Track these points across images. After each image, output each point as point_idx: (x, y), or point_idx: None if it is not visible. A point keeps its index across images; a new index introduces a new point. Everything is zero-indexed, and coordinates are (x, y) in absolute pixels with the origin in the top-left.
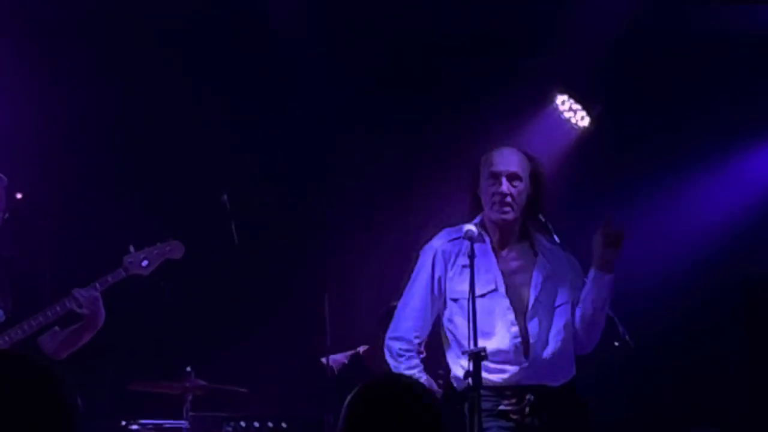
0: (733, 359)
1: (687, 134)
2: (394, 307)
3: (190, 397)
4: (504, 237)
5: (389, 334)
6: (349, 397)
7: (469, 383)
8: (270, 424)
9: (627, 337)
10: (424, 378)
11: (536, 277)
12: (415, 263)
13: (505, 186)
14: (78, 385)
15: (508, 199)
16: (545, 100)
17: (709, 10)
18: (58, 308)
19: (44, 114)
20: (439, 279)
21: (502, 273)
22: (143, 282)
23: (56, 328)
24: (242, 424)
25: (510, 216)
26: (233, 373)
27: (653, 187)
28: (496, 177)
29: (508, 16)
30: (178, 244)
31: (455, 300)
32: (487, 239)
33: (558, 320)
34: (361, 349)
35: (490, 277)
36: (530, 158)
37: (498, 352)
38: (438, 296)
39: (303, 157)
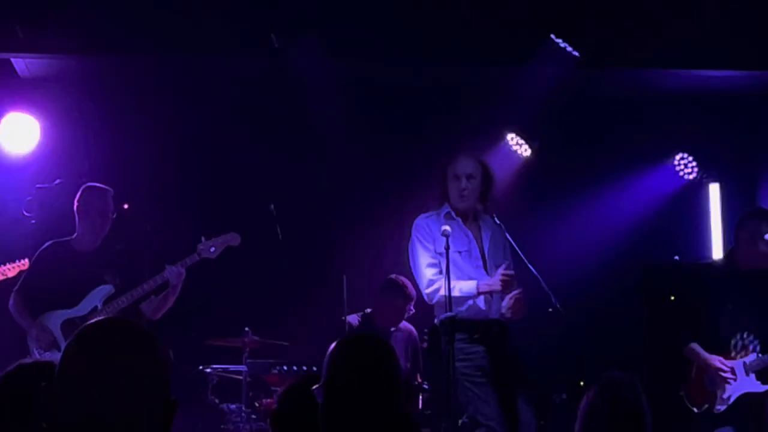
0: (635, 323)
1: (600, 162)
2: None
3: (247, 349)
4: (464, 218)
5: (422, 289)
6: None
7: (444, 318)
8: (304, 368)
9: (558, 306)
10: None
11: (486, 244)
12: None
13: (464, 183)
14: (168, 341)
15: (466, 192)
16: (499, 137)
17: (615, 75)
18: (158, 279)
19: (144, 149)
20: (431, 239)
21: (472, 237)
22: (213, 264)
23: (153, 296)
24: (284, 368)
25: (467, 204)
26: (279, 331)
27: (576, 199)
28: (457, 177)
29: (474, 78)
30: (236, 236)
31: (440, 253)
32: (457, 218)
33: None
34: (368, 310)
35: (465, 239)
36: (482, 163)
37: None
38: (433, 248)
39: (328, 176)
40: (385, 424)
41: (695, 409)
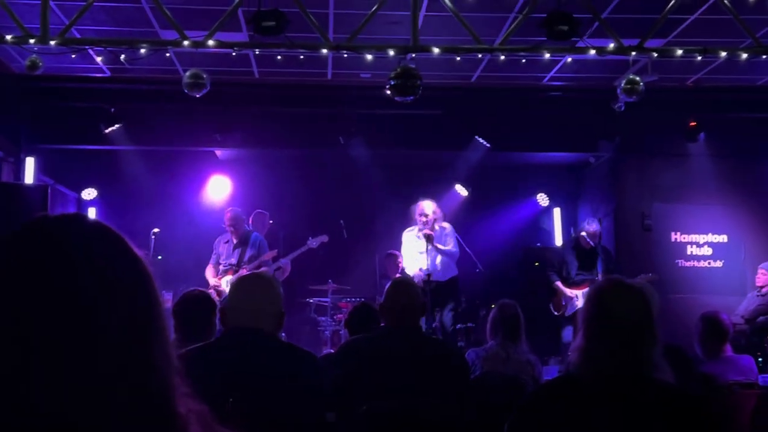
0: (517, 277)
1: (502, 197)
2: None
3: (329, 289)
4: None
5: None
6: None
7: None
8: (357, 299)
9: (481, 268)
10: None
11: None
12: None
13: (423, 220)
14: (288, 287)
15: (428, 223)
16: (451, 186)
17: (506, 155)
18: (275, 265)
19: (279, 192)
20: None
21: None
22: (314, 251)
23: (278, 270)
24: (348, 299)
25: (427, 230)
26: (344, 281)
27: (490, 216)
28: (420, 214)
29: (439, 157)
30: (326, 236)
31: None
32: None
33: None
34: (385, 254)
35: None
36: (435, 205)
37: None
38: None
39: (367, 205)
40: (414, 309)
41: (556, 313)
